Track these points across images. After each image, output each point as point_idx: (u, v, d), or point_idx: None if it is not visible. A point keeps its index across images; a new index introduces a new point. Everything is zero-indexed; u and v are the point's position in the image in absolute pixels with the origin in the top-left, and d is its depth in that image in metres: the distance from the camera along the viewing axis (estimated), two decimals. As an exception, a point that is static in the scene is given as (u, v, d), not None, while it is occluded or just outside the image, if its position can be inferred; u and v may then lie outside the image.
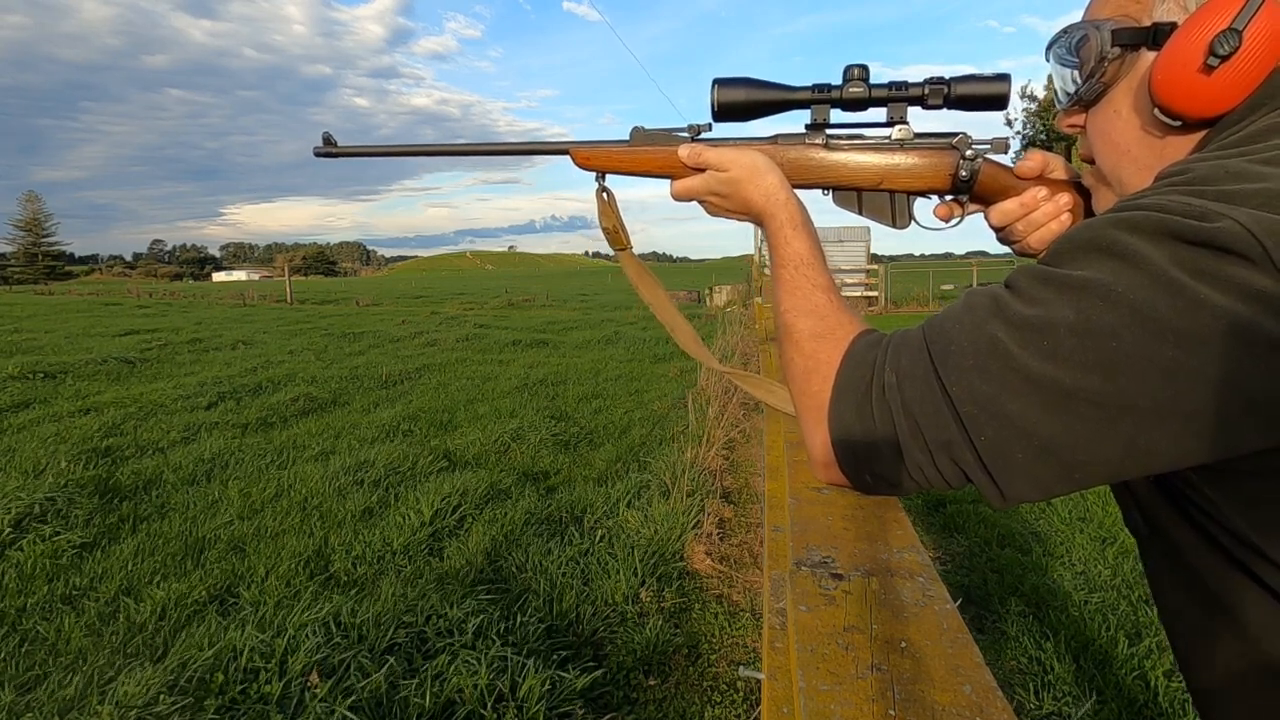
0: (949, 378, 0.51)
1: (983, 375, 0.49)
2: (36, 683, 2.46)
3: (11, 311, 20.75)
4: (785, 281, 0.69)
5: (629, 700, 2.34)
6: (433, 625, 2.50)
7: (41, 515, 3.82)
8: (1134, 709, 2.24)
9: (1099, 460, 0.47)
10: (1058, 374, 0.46)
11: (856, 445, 0.57)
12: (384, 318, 17.92)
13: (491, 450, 5.25)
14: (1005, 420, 0.48)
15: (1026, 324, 0.48)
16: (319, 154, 0.90)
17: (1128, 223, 0.47)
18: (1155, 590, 0.63)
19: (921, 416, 0.52)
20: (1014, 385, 0.48)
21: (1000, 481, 0.50)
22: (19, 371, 8.28)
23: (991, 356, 0.49)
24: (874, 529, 0.62)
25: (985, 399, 0.49)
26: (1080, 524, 3.57)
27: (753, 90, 0.75)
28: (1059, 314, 0.47)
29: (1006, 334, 0.49)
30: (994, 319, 0.50)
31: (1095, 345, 0.45)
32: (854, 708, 0.38)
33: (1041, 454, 0.48)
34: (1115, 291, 0.45)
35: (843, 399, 0.58)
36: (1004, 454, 0.49)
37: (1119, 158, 0.62)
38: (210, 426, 6.01)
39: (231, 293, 33.73)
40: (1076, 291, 0.47)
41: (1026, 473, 0.49)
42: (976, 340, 0.50)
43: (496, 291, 33.51)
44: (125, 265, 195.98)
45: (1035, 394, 0.47)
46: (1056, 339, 0.46)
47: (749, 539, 3.55)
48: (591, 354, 10.63)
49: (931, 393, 0.52)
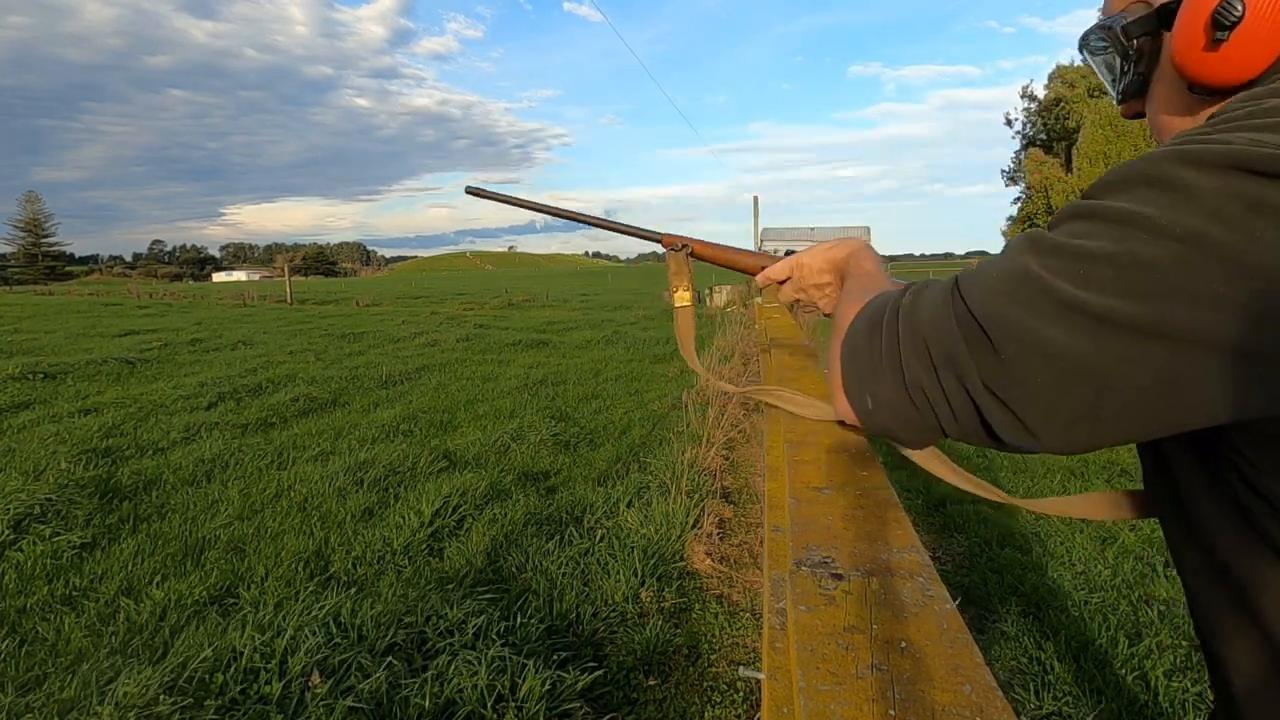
0: (972, 300, 0.49)
1: (1010, 300, 0.47)
2: (36, 683, 2.46)
3: (11, 312, 20.75)
4: (849, 289, 0.74)
5: (629, 700, 2.34)
6: (433, 625, 2.50)
7: (41, 516, 3.82)
8: (1134, 709, 2.24)
9: (1129, 393, 0.44)
10: (1091, 299, 0.44)
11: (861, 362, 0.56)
12: (384, 318, 17.92)
13: (491, 450, 5.25)
14: (1029, 340, 0.46)
15: (1062, 252, 0.46)
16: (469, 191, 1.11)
17: (1185, 155, 0.44)
18: (1186, 585, 0.61)
19: (931, 332, 0.51)
20: (1043, 309, 0.46)
21: (1018, 408, 0.48)
22: (19, 372, 8.28)
23: (1022, 283, 0.47)
24: (874, 529, 0.62)
25: (1010, 322, 0.47)
26: (1080, 524, 3.57)
27: None
28: (1098, 245, 0.45)
29: (1040, 263, 0.47)
30: (1027, 253, 0.49)
31: (1135, 275, 0.43)
32: (854, 708, 0.38)
33: (1067, 377, 0.45)
34: (1159, 223, 0.43)
35: (859, 319, 0.59)
36: (1025, 374, 0.47)
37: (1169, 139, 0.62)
38: (210, 427, 6.01)
39: (231, 293, 33.72)
40: (1120, 224, 0.45)
41: (1049, 400, 0.46)
42: (1007, 270, 0.49)
43: (496, 291, 33.50)
44: (125, 265, 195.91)
45: (1066, 317, 0.45)
46: (1093, 268, 0.44)
47: (749, 539, 3.55)
48: (591, 354, 10.63)
49: (947, 313, 0.50)
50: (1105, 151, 19.69)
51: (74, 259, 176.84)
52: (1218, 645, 0.56)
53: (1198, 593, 0.58)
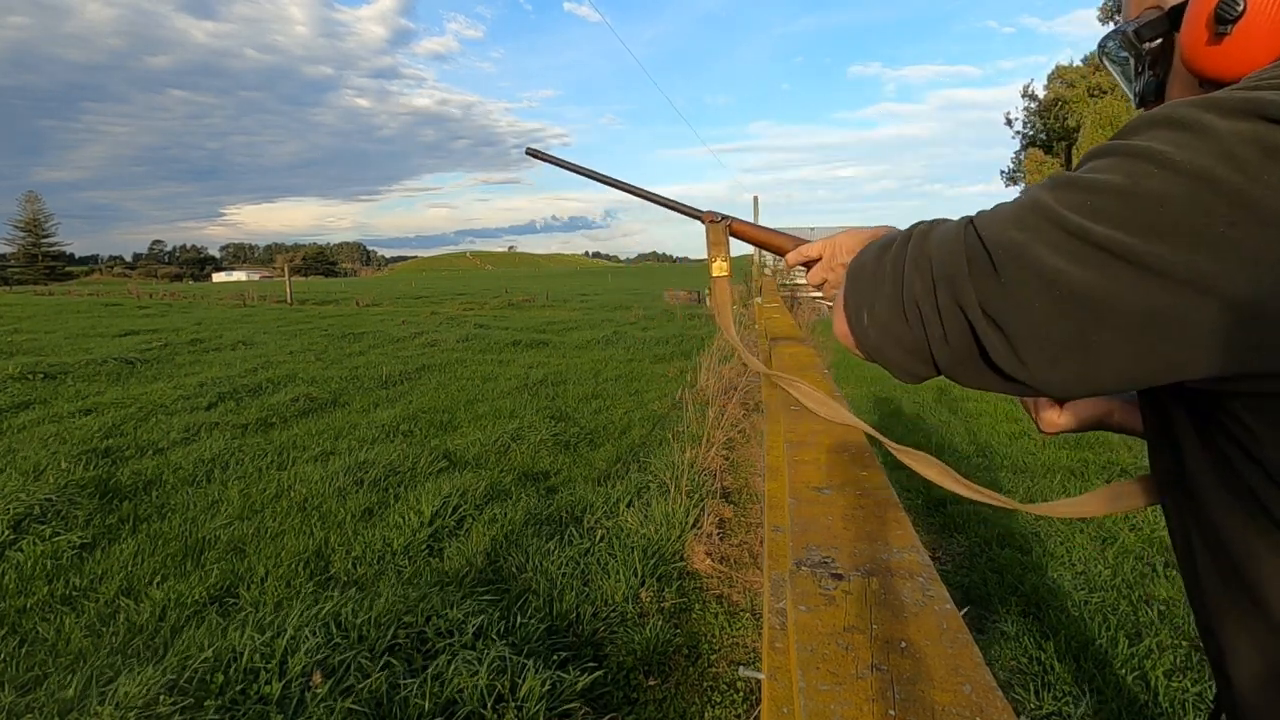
0: (982, 227, 0.50)
1: (1018, 225, 0.48)
2: (36, 683, 2.46)
3: (11, 312, 20.75)
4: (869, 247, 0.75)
5: (629, 700, 2.34)
6: (433, 625, 2.49)
7: (41, 516, 3.82)
8: (1134, 709, 2.24)
9: (1120, 323, 0.44)
10: (1095, 229, 0.44)
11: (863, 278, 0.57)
12: (384, 318, 17.92)
13: (491, 450, 5.25)
14: (1030, 265, 0.46)
15: (1075, 185, 0.47)
16: (529, 152, 1.11)
17: (1209, 100, 0.44)
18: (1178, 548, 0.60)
19: (936, 253, 0.52)
20: (1047, 234, 0.46)
21: (1013, 336, 0.48)
22: (19, 372, 8.29)
23: (1030, 211, 0.48)
24: (874, 529, 0.62)
25: (1015, 245, 0.47)
26: (1080, 524, 3.57)
27: None
28: (1108, 177, 0.45)
29: (1053, 196, 0.48)
30: (1044, 187, 0.49)
31: (1141, 208, 0.43)
32: (854, 707, 0.38)
33: (1063, 305, 0.45)
34: (1172, 159, 0.43)
35: (869, 248, 0.59)
36: (1019, 299, 0.47)
37: None
38: (210, 427, 6.01)
39: (231, 293, 33.73)
40: (1132, 158, 0.45)
41: (1044, 330, 0.47)
42: (1021, 202, 0.50)
43: (496, 291, 33.50)
44: (125, 266, 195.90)
45: (1068, 244, 0.45)
46: (1101, 199, 0.45)
47: (749, 539, 3.55)
48: (591, 354, 10.63)
49: (957, 238, 0.51)
50: (1105, 151, 19.74)
51: (74, 259, 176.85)
52: (1218, 629, 0.55)
53: (1199, 574, 0.57)
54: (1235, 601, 0.52)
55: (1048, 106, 23.97)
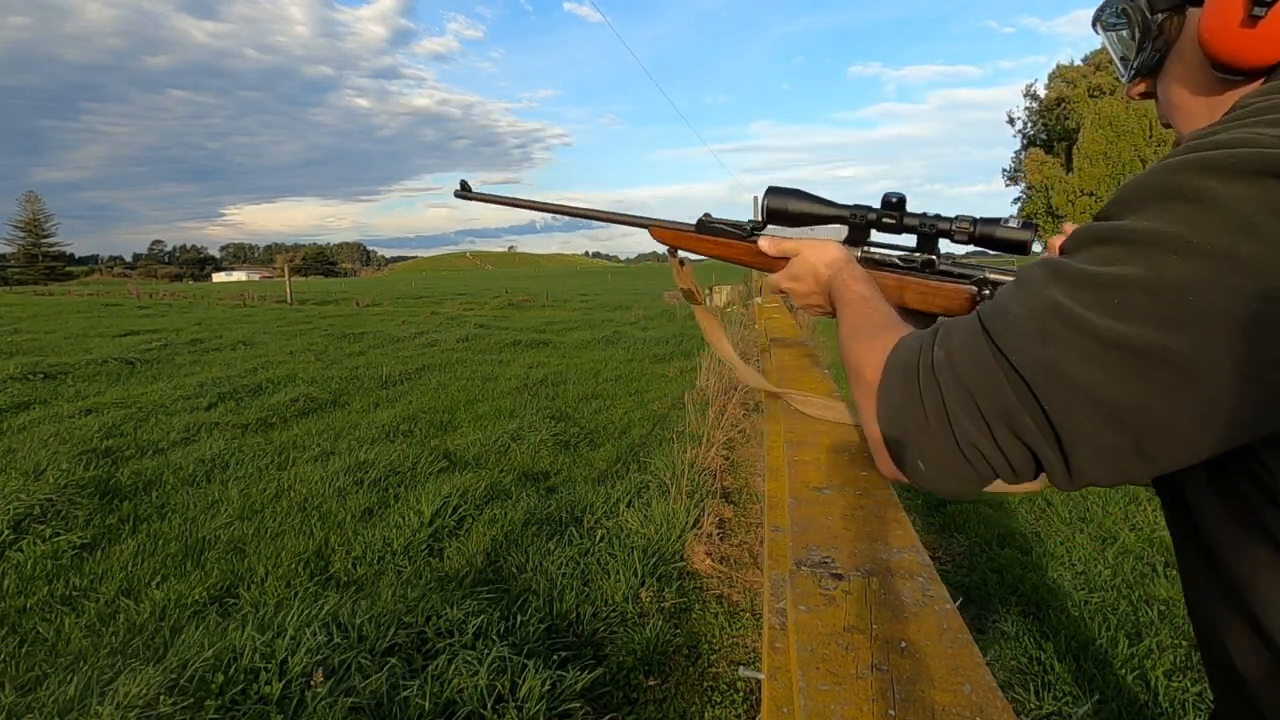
0: (1006, 346, 0.47)
1: (1044, 340, 0.45)
2: (36, 683, 2.46)
3: (11, 312, 20.75)
4: (848, 318, 0.71)
5: (629, 700, 2.34)
6: (433, 626, 2.50)
7: (41, 516, 3.82)
8: (1134, 709, 2.24)
9: (1174, 428, 0.42)
10: (1129, 333, 0.42)
11: (905, 426, 0.53)
12: (384, 318, 17.92)
13: (491, 450, 5.25)
14: (1070, 385, 0.44)
15: (1091, 282, 0.44)
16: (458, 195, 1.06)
17: (1203, 163, 0.42)
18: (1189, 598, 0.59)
19: (975, 386, 0.48)
20: (1079, 347, 0.44)
21: (1069, 454, 0.46)
22: (19, 372, 8.28)
23: (1053, 319, 0.45)
24: (874, 529, 0.62)
25: (1048, 364, 0.45)
26: (1080, 524, 3.57)
27: (799, 201, 0.84)
28: (1126, 270, 0.43)
29: (1068, 295, 0.45)
30: (1052, 284, 0.47)
31: (1169, 301, 0.41)
32: (854, 708, 0.38)
33: (1110, 422, 0.43)
34: (1190, 242, 0.41)
35: (890, 380, 0.55)
36: (1072, 423, 0.45)
37: (1184, 120, 0.60)
38: (210, 427, 6.01)
39: (231, 293, 33.74)
40: (1145, 245, 0.43)
41: (1095, 444, 0.45)
42: (1035, 306, 0.47)
43: (496, 291, 33.51)
44: (125, 266, 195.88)
45: (1103, 355, 0.43)
46: (1125, 296, 0.42)
47: (749, 539, 3.55)
48: (591, 354, 10.63)
49: (987, 363, 0.48)
50: (1105, 151, 19.69)
51: (74, 259, 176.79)
52: (1215, 642, 0.55)
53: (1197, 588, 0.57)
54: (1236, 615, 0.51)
55: (1049, 106, 23.99)
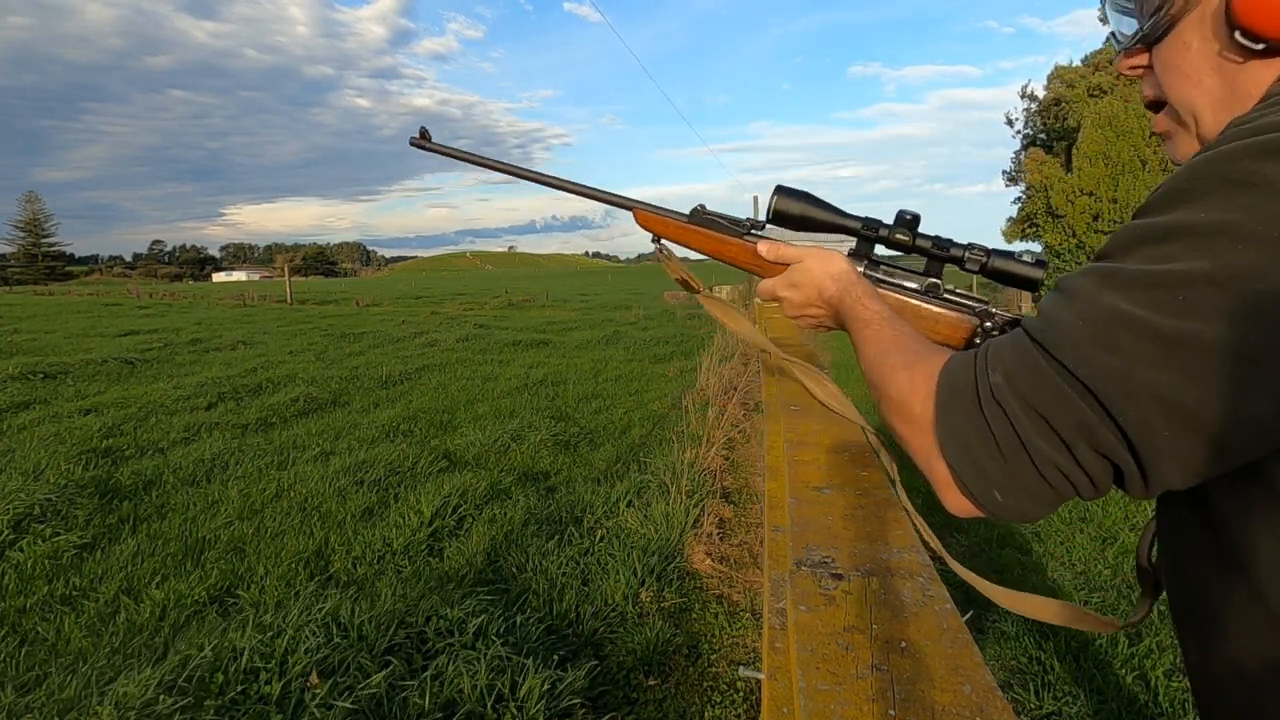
0: (1068, 360, 0.45)
1: (1109, 350, 0.43)
2: (36, 683, 2.46)
3: (11, 312, 20.75)
4: (868, 340, 0.67)
5: (629, 700, 2.34)
6: (433, 625, 2.50)
7: (41, 516, 3.82)
8: (1134, 709, 2.24)
9: (1253, 425, 0.41)
10: (1198, 329, 0.40)
11: (978, 459, 0.50)
12: (384, 318, 17.92)
13: (491, 450, 5.25)
14: (1143, 393, 0.42)
15: (1151, 282, 0.42)
16: (414, 144, 0.95)
17: (1260, 147, 0.41)
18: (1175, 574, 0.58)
19: (1044, 406, 0.46)
20: (1148, 353, 0.42)
21: (1146, 464, 0.44)
22: (19, 372, 8.28)
23: (1115, 326, 0.43)
24: (874, 529, 0.62)
25: (1117, 375, 0.43)
26: (1080, 524, 3.57)
27: (809, 206, 0.78)
28: (1190, 265, 0.41)
29: (1128, 299, 0.43)
30: (1105, 289, 0.45)
31: (1239, 292, 0.39)
32: (854, 707, 0.38)
33: (1188, 425, 0.42)
34: (1254, 230, 0.39)
35: (950, 412, 0.52)
36: (1147, 432, 0.43)
37: (1192, 90, 0.56)
38: (210, 427, 6.01)
39: (231, 293, 33.72)
40: (1207, 237, 0.41)
41: (1173, 449, 0.43)
42: (1092, 315, 0.45)
43: (496, 291, 33.50)
44: (125, 266, 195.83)
45: (1174, 358, 0.41)
46: (1192, 292, 0.41)
47: (749, 539, 3.54)
48: (591, 354, 10.63)
49: (1050, 380, 0.46)
50: (1105, 152, 19.69)
51: (74, 259, 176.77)
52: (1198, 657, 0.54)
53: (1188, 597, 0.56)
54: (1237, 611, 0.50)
55: (1047, 106, 23.97)
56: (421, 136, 0.95)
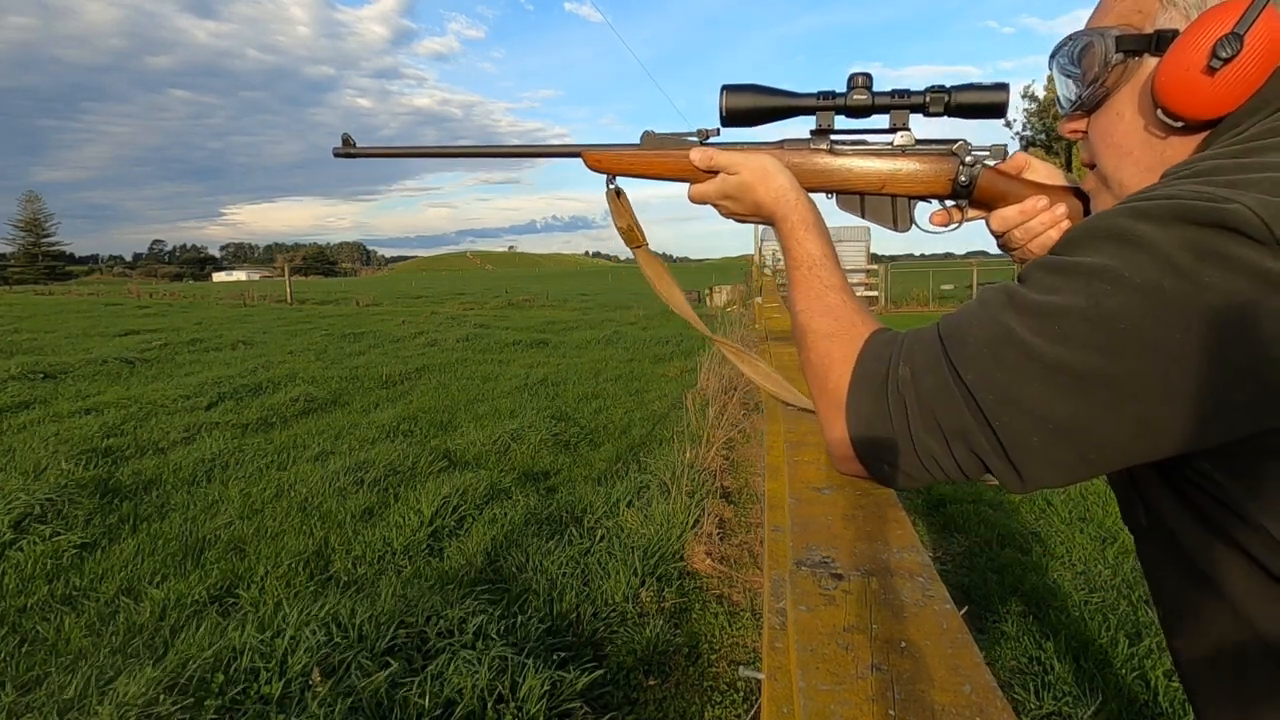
0: (963, 367, 0.52)
1: (997, 363, 0.50)
2: (36, 683, 2.46)
3: (11, 311, 20.75)
4: (799, 282, 0.71)
5: (629, 700, 2.34)
6: (433, 625, 2.50)
7: (41, 516, 3.82)
8: (1134, 709, 2.24)
9: (1113, 442, 0.48)
10: (1070, 358, 0.47)
11: (876, 436, 0.58)
12: (384, 318, 17.92)
13: (491, 450, 5.25)
14: (1021, 406, 0.49)
15: (1039, 311, 0.49)
16: (338, 154, 0.92)
17: (1138, 211, 0.48)
18: (1152, 583, 0.64)
19: (937, 406, 0.54)
20: (1029, 371, 0.49)
21: (1019, 466, 0.51)
22: (19, 371, 8.28)
23: (1006, 345, 0.50)
24: (874, 529, 0.62)
25: (1001, 386, 0.50)
26: (1080, 524, 3.57)
27: (759, 96, 0.77)
28: (1070, 300, 0.48)
29: (1019, 322, 0.50)
30: (1006, 309, 0.52)
31: (1105, 329, 0.46)
32: (854, 708, 0.38)
33: (1057, 437, 0.49)
34: (1123, 276, 0.46)
35: (859, 391, 0.60)
36: (1021, 439, 0.50)
37: (1121, 159, 0.63)
38: (210, 427, 6.01)
39: (232, 293, 33.72)
40: (1086, 277, 0.48)
41: (1044, 457, 0.50)
42: (991, 330, 0.52)
43: (496, 291, 33.51)
44: (125, 265, 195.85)
45: (1049, 379, 0.48)
46: (1068, 324, 0.47)
47: (749, 539, 3.55)
48: (591, 354, 10.62)
49: (946, 383, 0.53)
50: (1105, 151, 19.76)
51: (74, 259, 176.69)
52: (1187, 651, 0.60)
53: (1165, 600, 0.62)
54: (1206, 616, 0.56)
55: (1047, 107, 24.02)
56: (345, 144, 0.91)
